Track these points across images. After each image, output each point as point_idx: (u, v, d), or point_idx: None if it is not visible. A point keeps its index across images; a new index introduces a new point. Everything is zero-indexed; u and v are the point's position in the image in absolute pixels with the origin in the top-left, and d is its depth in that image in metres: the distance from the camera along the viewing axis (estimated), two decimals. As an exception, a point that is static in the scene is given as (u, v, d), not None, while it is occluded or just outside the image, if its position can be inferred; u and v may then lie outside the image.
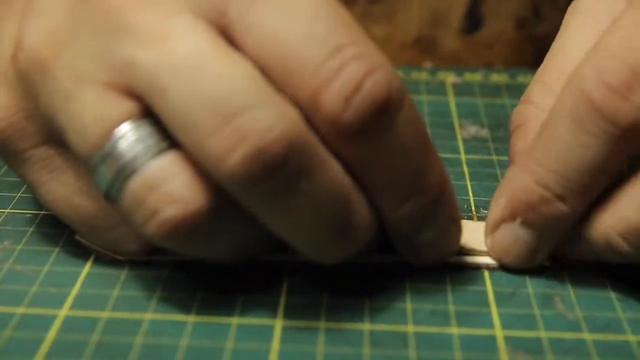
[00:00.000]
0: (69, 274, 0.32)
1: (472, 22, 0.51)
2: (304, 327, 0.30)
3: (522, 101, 0.35)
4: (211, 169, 0.27)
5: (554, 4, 0.51)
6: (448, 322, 0.30)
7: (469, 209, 0.36)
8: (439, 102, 0.47)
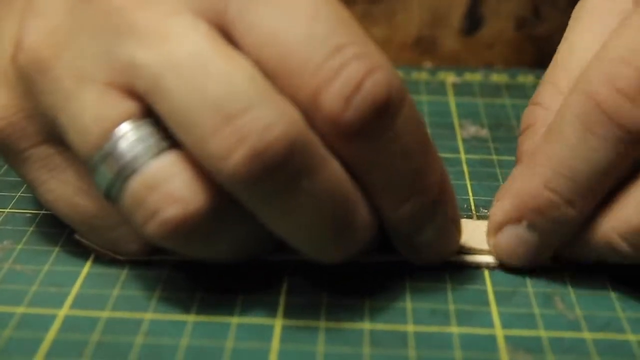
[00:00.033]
0: (69, 274, 0.32)
1: (472, 22, 0.51)
2: (304, 327, 0.30)
3: (531, 102, 0.35)
4: (212, 169, 0.27)
5: (554, 4, 0.51)
6: (448, 321, 0.30)
7: (469, 208, 0.36)
8: (439, 102, 0.47)
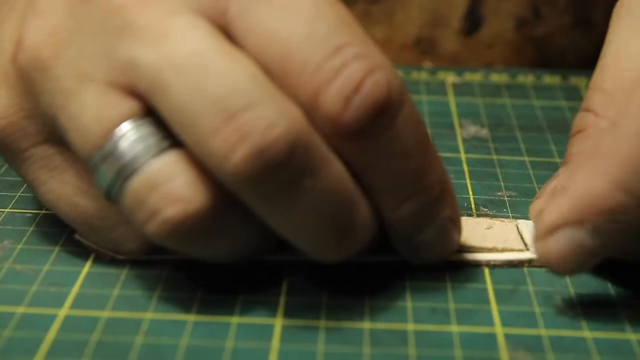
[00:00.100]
0: (69, 274, 0.32)
1: (472, 22, 0.51)
2: (304, 326, 0.30)
3: (582, 108, 0.33)
4: (214, 167, 0.27)
5: (554, 4, 0.51)
6: (448, 320, 0.30)
7: (469, 207, 0.36)
8: (439, 102, 0.47)
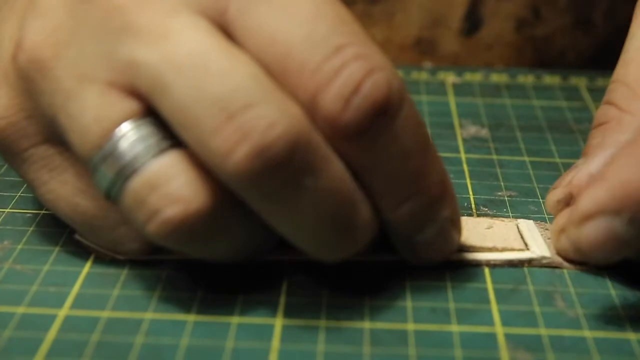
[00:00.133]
0: (69, 274, 0.32)
1: (472, 23, 0.51)
2: (304, 326, 0.30)
3: (605, 102, 0.34)
4: (215, 167, 0.27)
5: (554, 4, 0.51)
6: (448, 319, 0.30)
7: (469, 207, 0.36)
8: (439, 102, 0.47)
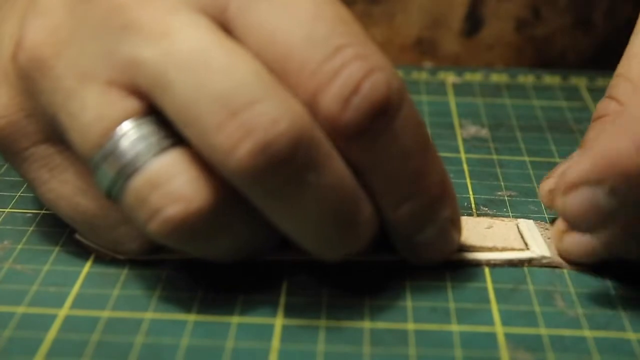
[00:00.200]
0: (69, 274, 0.32)
1: (473, 24, 0.51)
2: (304, 326, 0.29)
3: (606, 96, 0.34)
4: (218, 163, 0.27)
5: (554, 4, 0.51)
6: (448, 319, 0.30)
7: (469, 206, 0.36)
8: (439, 102, 0.47)
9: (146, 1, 0.28)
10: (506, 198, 0.37)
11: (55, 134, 0.30)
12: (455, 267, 0.32)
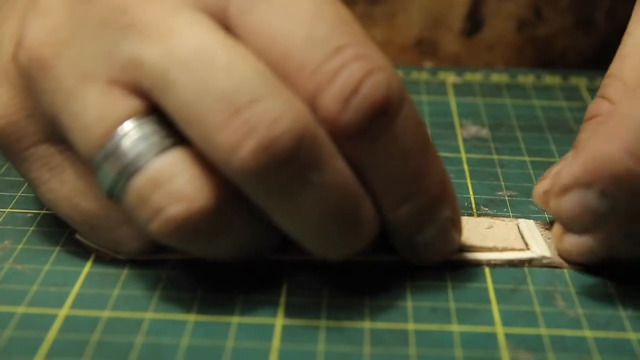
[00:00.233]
0: (70, 273, 0.32)
1: (473, 24, 0.51)
2: (305, 326, 0.29)
3: (598, 96, 0.34)
4: (220, 162, 0.27)
5: (555, 4, 0.51)
6: (449, 319, 0.30)
7: (470, 206, 0.36)
8: (440, 102, 0.47)
9: (147, 1, 0.28)
10: (506, 198, 0.37)
11: (55, 134, 0.30)
12: (456, 267, 0.32)
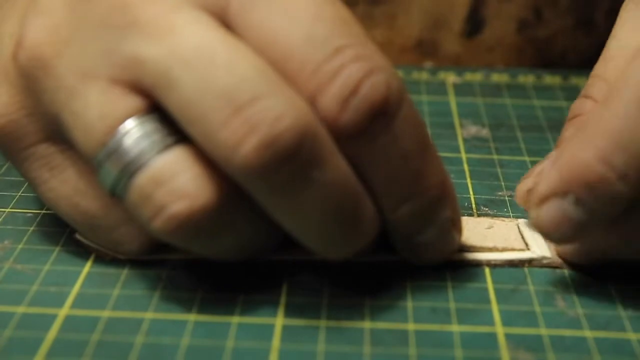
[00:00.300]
0: (70, 273, 0.32)
1: (474, 25, 0.51)
2: (305, 326, 0.29)
3: (581, 95, 0.34)
4: (222, 160, 0.27)
5: (556, 5, 0.51)
6: (449, 319, 0.30)
7: (470, 206, 0.36)
8: (440, 102, 0.47)
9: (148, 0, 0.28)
10: (507, 198, 0.37)
11: (56, 133, 0.30)
12: (456, 267, 0.32)
